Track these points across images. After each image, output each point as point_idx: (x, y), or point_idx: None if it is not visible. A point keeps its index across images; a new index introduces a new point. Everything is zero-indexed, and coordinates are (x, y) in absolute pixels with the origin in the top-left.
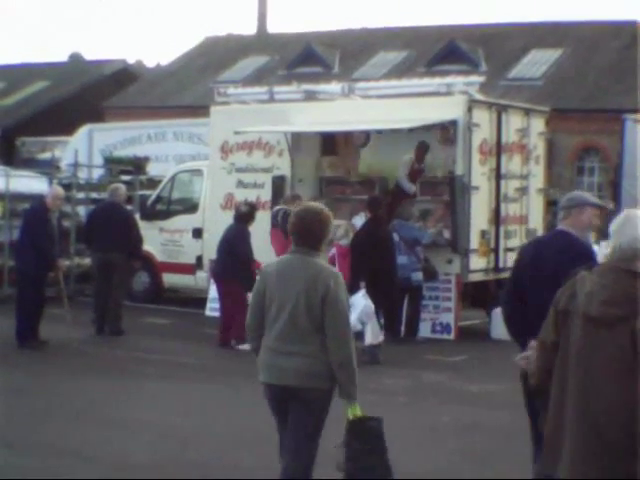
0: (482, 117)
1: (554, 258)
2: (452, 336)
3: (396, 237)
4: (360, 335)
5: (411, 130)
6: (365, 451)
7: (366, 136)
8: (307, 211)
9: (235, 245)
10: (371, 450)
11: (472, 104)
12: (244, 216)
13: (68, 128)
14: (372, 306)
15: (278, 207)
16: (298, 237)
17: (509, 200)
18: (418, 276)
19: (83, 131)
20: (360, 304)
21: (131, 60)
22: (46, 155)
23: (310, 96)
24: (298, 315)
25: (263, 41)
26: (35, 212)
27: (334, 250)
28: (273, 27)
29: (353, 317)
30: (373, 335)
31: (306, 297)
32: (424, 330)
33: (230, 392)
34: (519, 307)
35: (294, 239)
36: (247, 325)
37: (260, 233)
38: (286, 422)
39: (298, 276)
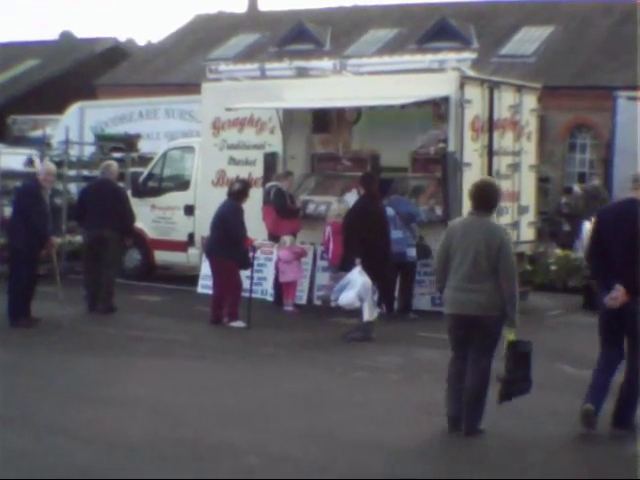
0: (474, 94)
1: (636, 220)
2: None
3: (392, 212)
4: (357, 312)
5: (403, 107)
6: (516, 366)
7: (358, 113)
8: (483, 183)
9: (228, 222)
10: (520, 365)
11: (464, 80)
12: (237, 193)
13: (59, 106)
14: (370, 282)
15: (270, 184)
16: (476, 202)
17: (501, 177)
18: (412, 252)
19: (74, 109)
20: (358, 281)
21: (122, 38)
22: (37, 133)
23: (302, 73)
24: (479, 261)
25: (254, 19)
26: (27, 189)
27: (329, 229)
28: (264, 4)
29: (352, 294)
30: (369, 312)
31: (485, 247)
32: (424, 304)
33: (222, 369)
34: (603, 259)
35: (473, 204)
36: (435, 270)
37: (252, 210)
38: (461, 350)
39: (478, 231)
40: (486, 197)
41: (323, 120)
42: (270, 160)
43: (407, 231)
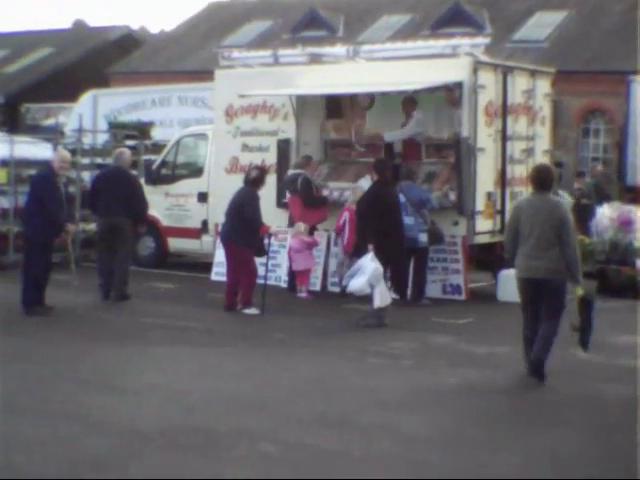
0: (488, 79)
1: None
2: (463, 296)
3: (402, 198)
4: (370, 298)
5: (416, 92)
6: (588, 315)
7: (371, 99)
8: (542, 167)
9: (244, 209)
10: (589, 315)
11: (478, 66)
12: (254, 181)
13: (72, 94)
14: (381, 269)
15: (295, 172)
16: (538, 183)
17: (515, 162)
18: (423, 238)
19: (87, 97)
20: (370, 267)
21: (135, 26)
22: (50, 121)
23: (315, 59)
24: (545, 232)
25: (267, 6)
26: (43, 177)
27: (346, 214)
28: None
29: (363, 280)
30: (381, 298)
31: (550, 220)
32: (435, 291)
33: (236, 356)
34: None
35: (535, 185)
36: (506, 242)
37: (266, 196)
38: (533, 309)
39: (543, 207)
40: (545, 178)
41: (336, 106)
42: (284, 147)
43: (418, 217)
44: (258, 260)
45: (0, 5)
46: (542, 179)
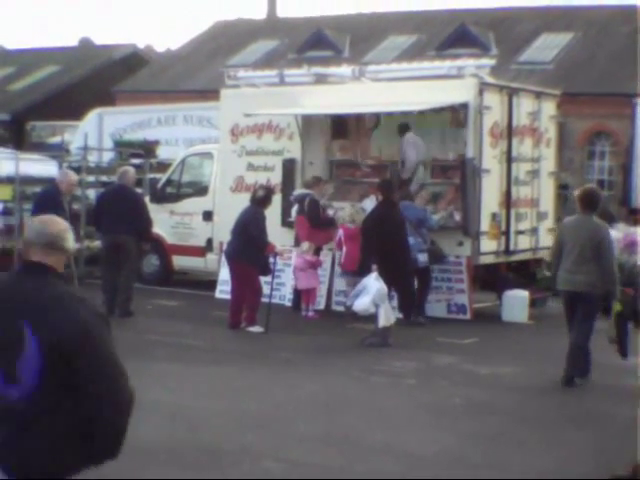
0: (493, 100)
1: None
2: (468, 316)
3: None
4: (374, 317)
5: (422, 113)
6: (622, 331)
7: (377, 119)
8: (590, 189)
9: (250, 228)
10: (624, 330)
11: (483, 87)
12: (261, 200)
13: (78, 112)
14: (385, 288)
15: (303, 192)
16: (584, 204)
17: (520, 183)
18: (423, 257)
19: (93, 115)
20: (374, 287)
21: (141, 45)
22: (56, 139)
23: (320, 79)
24: (585, 250)
25: (273, 25)
26: (47, 195)
27: (340, 232)
28: (283, 11)
29: (367, 300)
30: (386, 317)
31: (590, 240)
32: (439, 311)
33: (240, 374)
34: None
35: (581, 206)
36: (551, 258)
37: (271, 215)
38: (572, 317)
39: (585, 227)
40: (591, 200)
41: (342, 126)
42: (289, 166)
43: (418, 237)
44: (263, 279)
45: (6, 23)
46: (589, 200)
